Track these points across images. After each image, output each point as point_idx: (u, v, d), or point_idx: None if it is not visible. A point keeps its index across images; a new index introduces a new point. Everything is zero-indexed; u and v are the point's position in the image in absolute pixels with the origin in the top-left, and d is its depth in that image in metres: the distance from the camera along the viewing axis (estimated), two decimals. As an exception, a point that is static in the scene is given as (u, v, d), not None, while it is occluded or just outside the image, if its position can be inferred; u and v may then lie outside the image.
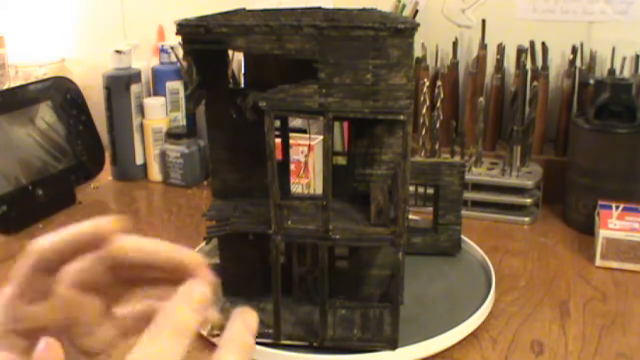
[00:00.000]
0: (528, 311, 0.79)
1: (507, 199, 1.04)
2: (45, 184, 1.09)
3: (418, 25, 0.64)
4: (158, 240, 0.38)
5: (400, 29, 0.62)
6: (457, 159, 1.02)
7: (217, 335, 0.75)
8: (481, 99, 1.04)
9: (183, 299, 0.35)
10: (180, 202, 1.14)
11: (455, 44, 1.14)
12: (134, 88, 1.21)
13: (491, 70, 1.13)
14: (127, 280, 0.40)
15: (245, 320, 0.37)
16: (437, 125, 1.02)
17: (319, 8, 0.84)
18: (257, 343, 0.69)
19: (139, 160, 1.24)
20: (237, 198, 0.76)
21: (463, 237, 0.91)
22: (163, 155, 1.21)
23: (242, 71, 0.75)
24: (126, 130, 1.22)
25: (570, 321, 0.77)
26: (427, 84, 1.06)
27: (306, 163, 1.04)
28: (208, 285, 0.36)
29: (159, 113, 1.22)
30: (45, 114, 1.15)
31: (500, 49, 1.11)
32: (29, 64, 1.34)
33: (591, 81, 1.03)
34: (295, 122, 1.01)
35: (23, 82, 1.23)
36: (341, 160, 0.79)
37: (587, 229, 0.97)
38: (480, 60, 1.13)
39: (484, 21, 1.12)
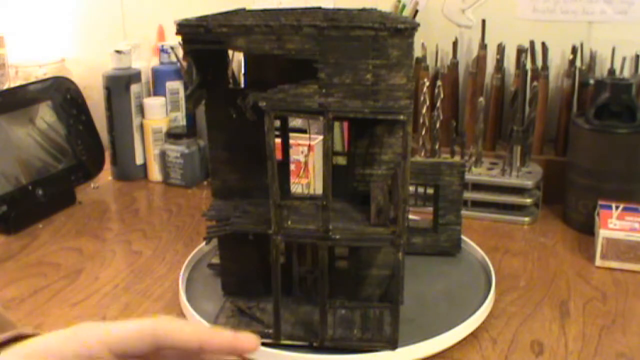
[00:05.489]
0: (528, 311, 0.79)
1: (507, 199, 1.04)
2: (45, 184, 1.09)
3: (418, 25, 0.64)
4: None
5: (400, 29, 0.62)
6: (457, 159, 1.02)
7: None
8: (481, 99, 1.04)
9: None
10: (180, 202, 1.14)
11: (455, 44, 1.14)
12: (134, 88, 1.21)
13: (491, 70, 1.13)
14: None
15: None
16: (437, 125, 1.02)
17: (319, 8, 0.84)
18: (257, 343, 0.69)
19: (139, 160, 1.24)
20: (237, 198, 0.76)
21: (463, 237, 0.91)
22: (163, 155, 1.21)
23: (242, 71, 0.75)
24: (126, 130, 1.22)
25: (570, 321, 0.77)
26: (427, 84, 1.06)
27: (306, 163, 1.04)
28: None
29: (159, 113, 1.22)
30: (45, 114, 1.15)
31: (500, 49, 1.11)
32: (29, 64, 1.34)
33: (591, 81, 1.04)
34: (295, 122, 1.01)
35: (23, 82, 1.23)
36: (341, 160, 0.79)
37: (587, 229, 0.97)
38: (480, 60, 1.13)
39: (484, 21, 1.12)
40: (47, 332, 0.78)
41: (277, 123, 0.79)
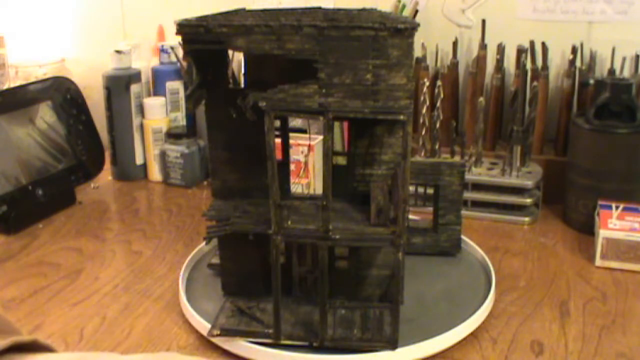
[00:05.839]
0: (528, 311, 0.79)
1: (507, 199, 1.04)
2: (45, 184, 1.09)
3: (418, 25, 0.64)
4: None
5: (400, 29, 0.62)
6: (457, 159, 1.02)
7: (218, 335, 0.75)
8: (481, 99, 1.04)
9: None
10: (180, 202, 1.14)
11: (455, 44, 1.14)
12: (134, 88, 1.21)
13: (491, 70, 1.13)
14: None
15: None
16: (437, 125, 1.02)
17: (319, 8, 0.84)
18: (257, 343, 0.69)
19: (139, 160, 1.24)
20: (237, 198, 0.76)
21: (463, 237, 0.91)
22: (163, 155, 1.21)
23: (242, 71, 0.75)
24: (126, 130, 1.22)
25: (570, 321, 0.77)
26: (427, 84, 1.06)
27: (306, 163, 1.04)
28: None
29: (159, 113, 1.22)
30: (45, 114, 1.15)
31: (500, 49, 1.11)
32: (29, 64, 1.34)
33: (591, 81, 1.03)
34: (295, 122, 1.01)
35: (23, 82, 1.23)
36: (341, 160, 0.79)
37: (587, 229, 0.97)
38: (480, 60, 1.13)
39: (484, 21, 1.12)
40: (46, 332, 0.78)
41: (277, 123, 0.79)
